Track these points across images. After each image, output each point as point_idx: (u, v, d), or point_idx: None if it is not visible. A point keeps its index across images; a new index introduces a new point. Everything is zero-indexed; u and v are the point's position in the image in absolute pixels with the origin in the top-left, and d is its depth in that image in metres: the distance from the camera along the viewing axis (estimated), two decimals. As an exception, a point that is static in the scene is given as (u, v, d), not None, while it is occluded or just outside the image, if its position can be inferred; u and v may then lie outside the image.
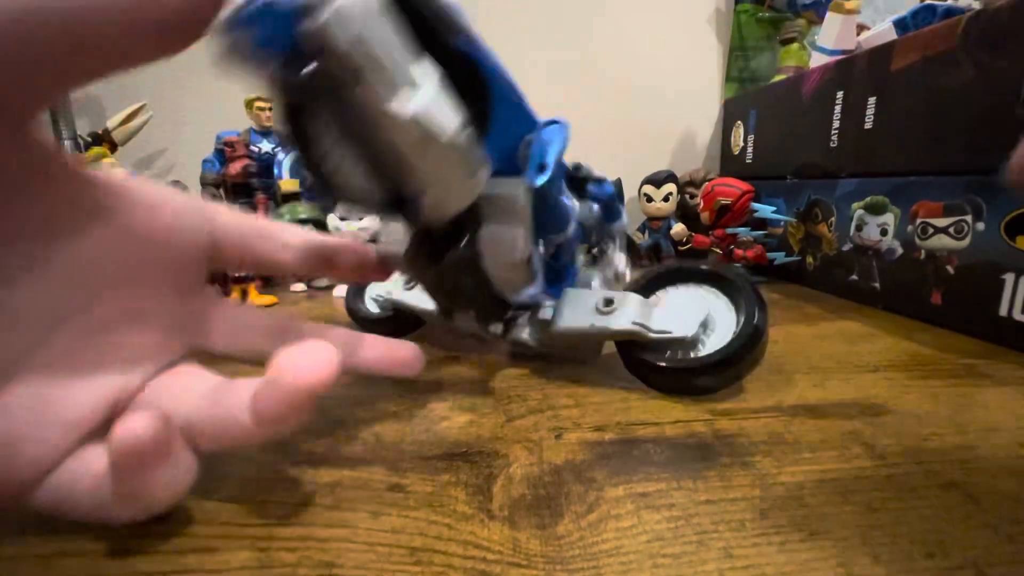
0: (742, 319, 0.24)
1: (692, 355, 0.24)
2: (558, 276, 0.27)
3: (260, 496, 0.17)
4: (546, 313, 0.26)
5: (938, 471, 0.18)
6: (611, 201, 0.30)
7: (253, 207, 0.57)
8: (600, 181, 0.30)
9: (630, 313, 0.24)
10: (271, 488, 0.18)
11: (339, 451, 0.20)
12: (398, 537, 0.15)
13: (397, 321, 0.33)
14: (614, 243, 0.32)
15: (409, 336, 0.33)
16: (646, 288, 0.27)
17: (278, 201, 0.58)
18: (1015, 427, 0.21)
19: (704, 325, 0.24)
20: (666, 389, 0.24)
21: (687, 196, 0.63)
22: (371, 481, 0.18)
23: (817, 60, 0.53)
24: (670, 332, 0.24)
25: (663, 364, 0.24)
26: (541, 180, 0.21)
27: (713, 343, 0.24)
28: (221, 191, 0.61)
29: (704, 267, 0.26)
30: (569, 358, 0.28)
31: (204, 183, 0.61)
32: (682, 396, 0.24)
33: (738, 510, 0.16)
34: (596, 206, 0.30)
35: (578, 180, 0.29)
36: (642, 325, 0.24)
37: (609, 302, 0.25)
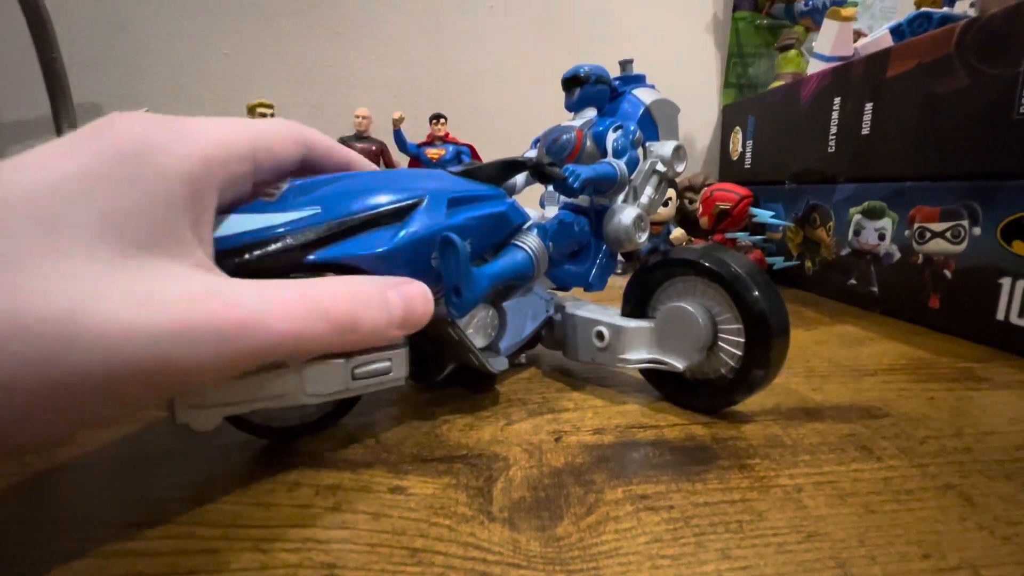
0: (745, 312, 0.21)
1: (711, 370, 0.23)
2: (578, 277, 0.28)
3: (262, 498, 0.17)
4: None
5: (935, 473, 0.18)
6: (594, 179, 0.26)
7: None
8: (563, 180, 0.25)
9: (620, 349, 0.24)
10: (273, 490, 0.18)
11: (340, 453, 0.20)
12: (399, 538, 0.15)
13: None
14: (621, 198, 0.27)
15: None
16: (641, 302, 0.25)
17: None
18: (1011, 430, 0.21)
19: (707, 347, 0.22)
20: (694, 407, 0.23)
21: (686, 201, 0.63)
22: (372, 483, 0.18)
23: (815, 66, 0.54)
24: (664, 365, 0.23)
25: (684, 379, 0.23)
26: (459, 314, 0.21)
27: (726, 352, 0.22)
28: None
29: (690, 258, 0.23)
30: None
31: (206, 188, 0.61)
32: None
33: (736, 512, 0.16)
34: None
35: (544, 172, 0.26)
36: (635, 363, 0.23)
37: (601, 336, 0.24)
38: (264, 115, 0.61)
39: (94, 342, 0.12)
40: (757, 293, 0.21)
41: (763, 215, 0.50)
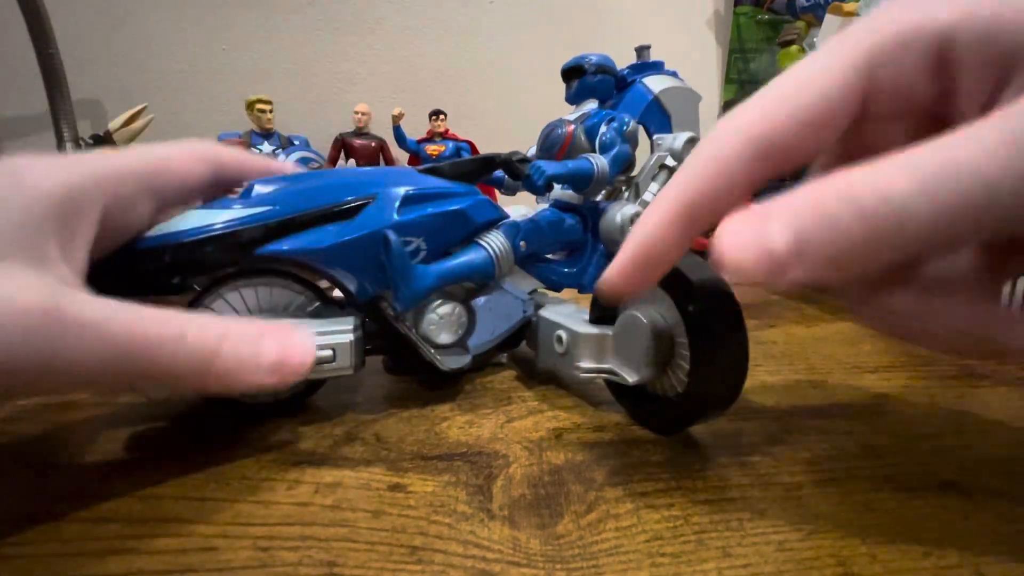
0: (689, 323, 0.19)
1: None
2: (572, 277, 0.27)
3: (261, 496, 0.17)
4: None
5: (936, 471, 0.18)
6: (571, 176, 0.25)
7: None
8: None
9: (578, 356, 0.22)
10: (272, 488, 0.18)
11: (340, 451, 0.20)
12: (398, 536, 0.15)
13: None
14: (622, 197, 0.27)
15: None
16: (607, 310, 0.23)
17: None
18: (1013, 426, 0.21)
19: (658, 362, 0.20)
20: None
21: (687, 197, 0.63)
22: (372, 481, 0.18)
23: (816, 62, 0.53)
24: (616, 377, 0.21)
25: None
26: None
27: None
28: (222, 193, 0.61)
29: None
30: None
31: (205, 185, 0.61)
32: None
33: (736, 509, 0.16)
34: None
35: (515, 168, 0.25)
36: (590, 372, 0.22)
37: (560, 340, 0.23)
38: (263, 111, 0.61)
39: None
40: (710, 312, 0.18)
41: (764, 211, 0.50)
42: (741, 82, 0.74)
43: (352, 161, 0.65)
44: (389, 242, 0.21)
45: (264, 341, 0.17)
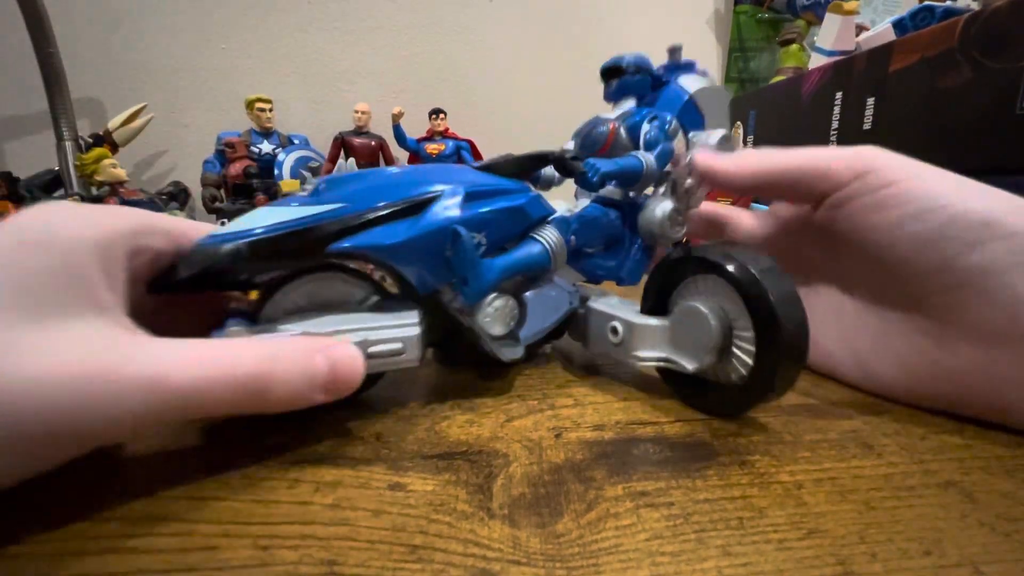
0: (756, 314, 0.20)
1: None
2: (610, 270, 0.28)
3: (262, 495, 0.17)
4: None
5: (936, 470, 0.18)
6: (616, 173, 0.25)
7: (253, 207, 0.57)
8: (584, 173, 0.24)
9: (634, 346, 0.24)
10: (273, 487, 0.18)
11: (340, 450, 0.20)
12: (399, 535, 0.15)
13: None
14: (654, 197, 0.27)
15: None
16: (661, 298, 0.24)
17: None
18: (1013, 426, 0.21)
19: (718, 349, 0.21)
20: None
21: (687, 197, 0.63)
22: (372, 480, 0.18)
23: (816, 61, 0.53)
24: (675, 365, 0.22)
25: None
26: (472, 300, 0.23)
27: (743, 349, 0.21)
28: (222, 192, 0.61)
29: (708, 256, 0.21)
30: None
31: (205, 184, 0.61)
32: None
33: (736, 508, 0.16)
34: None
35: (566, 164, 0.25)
36: (648, 361, 0.23)
37: (615, 331, 0.24)
38: (263, 110, 0.61)
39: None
40: (773, 300, 0.19)
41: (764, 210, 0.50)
42: (741, 81, 0.74)
43: (352, 160, 0.65)
44: (460, 237, 0.21)
45: (315, 359, 0.18)
